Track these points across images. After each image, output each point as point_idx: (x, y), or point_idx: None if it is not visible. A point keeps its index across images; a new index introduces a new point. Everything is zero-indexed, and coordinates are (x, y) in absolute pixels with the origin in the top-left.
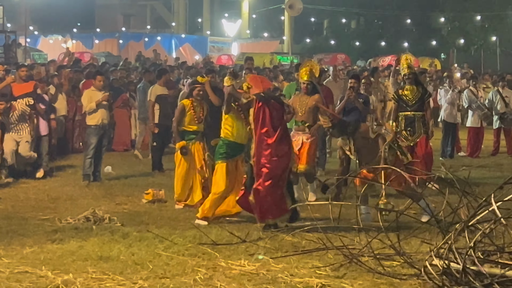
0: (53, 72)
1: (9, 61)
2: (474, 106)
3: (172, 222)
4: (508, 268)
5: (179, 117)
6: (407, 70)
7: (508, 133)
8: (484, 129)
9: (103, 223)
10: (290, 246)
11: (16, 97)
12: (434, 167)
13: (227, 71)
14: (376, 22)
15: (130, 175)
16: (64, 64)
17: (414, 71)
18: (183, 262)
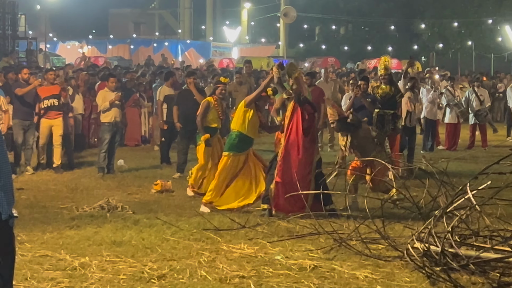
0: (71, 74)
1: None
2: (452, 104)
3: (179, 210)
4: (482, 250)
5: (204, 113)
6: (383, 71)
7: (482, 129)
8: (461, 125)
9: (116, 211)
10: (285, 231)
11: (43, 98)
12: (415, 159)
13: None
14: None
15: (141, 167)
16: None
17: (390, 73)
18: (188, 246)
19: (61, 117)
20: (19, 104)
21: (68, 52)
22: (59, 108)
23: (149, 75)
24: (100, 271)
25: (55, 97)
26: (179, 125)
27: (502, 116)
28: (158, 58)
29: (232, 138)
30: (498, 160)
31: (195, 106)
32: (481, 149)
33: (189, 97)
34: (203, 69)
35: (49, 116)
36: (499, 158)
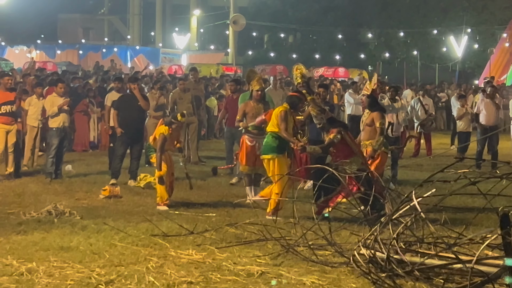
0: (19, 79)
1: None
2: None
3: (127, 216)
4: (427, 257)
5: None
6: (300, 79)
7: (427, 137)
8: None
9: (63, 216)
10: (233, 237)
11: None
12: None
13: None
14: (311, 37)
15: (89, 173)
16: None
17: (307, 80)
18: (136, 251)
19: (15, 124)
20: None
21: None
22: (15, 114)
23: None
24: (47, 276)
25: (11, 103)
26: (120, 130)
27: (445, 125)
28: (107, 63)
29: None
30: (442, 168)
31: (138, 112)
32: (426, 157)
33: (132, 103)
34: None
35: (6, 122)
36: (443, 166)
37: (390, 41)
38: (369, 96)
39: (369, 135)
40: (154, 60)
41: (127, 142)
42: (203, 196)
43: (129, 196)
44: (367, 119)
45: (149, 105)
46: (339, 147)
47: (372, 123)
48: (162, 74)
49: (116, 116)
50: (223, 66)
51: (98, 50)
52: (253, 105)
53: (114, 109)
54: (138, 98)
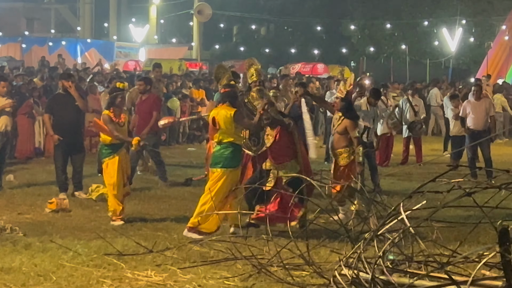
0: None
1: None
2: (383, 114)
3: (77, 232)
4: (416, 278)
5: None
6: (256, 77)
7: (417, 143)
8: (394, 138)
9: (4, 233)
10: (198, 256)
11: None
12: None
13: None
14: (286, 29)
15: (33, 184)
16: None
17: (263, 79)
18: (87, 273)
19: None
20: None
21: None
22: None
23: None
24: None
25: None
26: (57, 137)
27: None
28: (54, 58)
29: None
30: (434, 177)
31: (75, 114)
32: (416, 165)
33: (68, 103)
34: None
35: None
36: (435, 175)
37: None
38: (344, 100)
39: (341, 144)
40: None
41: (66, 150)
42: (163, 210)
43: (79, 210)
44: (340, 126)
45: (87, 105)
46: (282, 143)
47: (345, 132)
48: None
49: (49, 121)
50: (187, 62)
51: (44, 43)
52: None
53: (46, 112)
54: (75, 97)
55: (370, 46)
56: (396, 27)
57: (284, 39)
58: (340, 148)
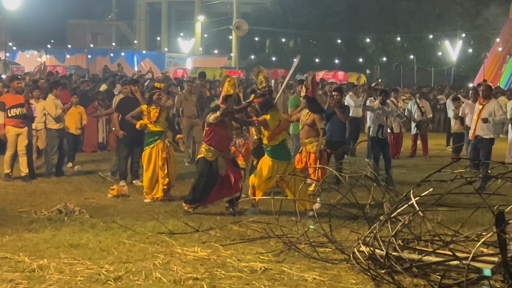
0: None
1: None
2: (394, 114)
3: (135, 214)
4: (424, 254)
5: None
6: (265, 83)
7: (423, 138)
8: (403, 135)
9: (73, 215)
10: (237, 235)
11: (10, 107)
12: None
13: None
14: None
15: (97, 172)
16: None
17: (270, 85)
18: (144, 249)
19: (26, 126)
20: None
21: (27, 60)
22: (25, 117)
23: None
24: (58, 273)
25: (21, 105)
26: (122, 133)
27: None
28: (114, 67)
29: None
30: (439, 168)
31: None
32: (422, 158)
33: (133, 105)
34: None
35: (17, 125)
36: (439, 166)
37: (387, 45)
38: (305, 97)
39: (308, 134)
40: (160, 64)
41: (129, 144)
42: None
43: (136, 195)
44: (308, 119)
45: None
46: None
47: (313, 124)
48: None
49: (117, 118)
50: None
51: (106, 54)
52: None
53: (116, 111)
54: (139, 99)
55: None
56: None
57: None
58: (306, 139)
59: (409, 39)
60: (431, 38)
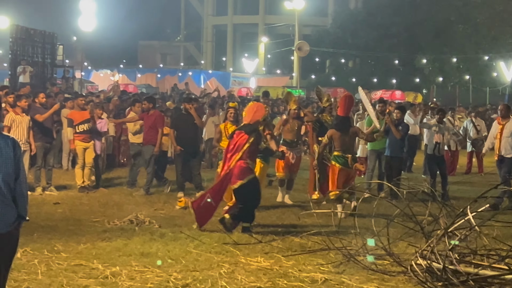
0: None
1: (67, 91)
2: (451, 133)
3: None
4: (480, 268)
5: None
6: (327, 103)
7: (478, 156)
8: (459, 152)
9: (144, 225)
10: (298, 246)
11: (78, 123)
12: (418, 182)
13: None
14: (369, 62)
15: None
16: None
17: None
18: (210, 258)
19: (93, 140)
20: (38, 127)
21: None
22: (91, 132)
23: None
24: (129, 279)
25: (87, 121)
26: (179, 148)
27: None
28: (182, 86)
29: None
30: (496, 185)
31: (194, 129)
32: (478, 175)
33: (189, 121)
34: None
35: (84, 139)
36: (493, 183)
37: (443, 66)
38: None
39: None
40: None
41: (185, 158)
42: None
43: None
44: None
45: (204, 123)
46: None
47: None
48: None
49: (173, 134)
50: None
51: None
52: (290, 121)
53: (171, 128)
54: (195, 117)
55: (439, 76)
56: (461, 61)
57: (368, 70)
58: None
59: (465, 60)
60: (487, 59)
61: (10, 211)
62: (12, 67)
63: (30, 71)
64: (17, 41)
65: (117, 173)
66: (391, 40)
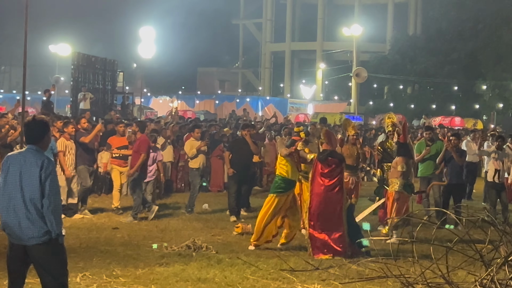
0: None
1: (127, 117)
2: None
3: (258, 251)
4: None
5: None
6: (390, 127)
7: None
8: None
9: (201, 250)
10: (355, 274)
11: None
12: (477, 210)
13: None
14: (428, 88)
15: (224, 211)
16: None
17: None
18: (266, 284)
19: (127, 166)
20: (83, 151)
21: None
22: (127, 157)
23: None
24: None
25: (125, 147)
26: (232, 171)
27: None
28: (240, 112)
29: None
30: None
31: (248, 154)
32: None
33: (243, 146)
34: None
35: (119, 164)
36: None
37: (504, 92)
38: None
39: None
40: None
41: (238, 181)
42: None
43: None
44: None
45: (259, 149)
46: None
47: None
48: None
49: (228, 157)
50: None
51: (232, 100)
52: (348, 147)
53: (228, 150)
54: (249, 143)
55: (499, 102)
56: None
57: (427, 96)
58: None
59: None
60: None
61: (35, 226)
62: (74, 93)
63: (90, 98)
64: (78, 68)
65: (175, 198)
66: (451, 66)
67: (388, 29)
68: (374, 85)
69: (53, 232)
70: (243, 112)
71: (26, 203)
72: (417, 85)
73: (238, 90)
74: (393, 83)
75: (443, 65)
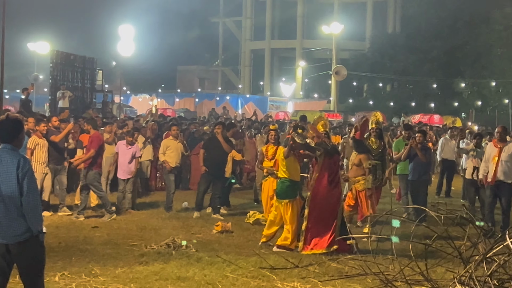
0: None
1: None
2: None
3: (238, 249)
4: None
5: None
6: (374, 125)
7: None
8: None
9: (181, 249)
10: (335, 271)
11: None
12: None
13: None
14: (407, 86)
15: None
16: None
17: (380, 127)
18: (246, 283)
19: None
20: (52, 150)
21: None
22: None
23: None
24: None
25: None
26: (205, 168)
27: None
28: (220, 110)
29: (285, 186)
30: None
31: (221, 153)
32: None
33: (217, 145)
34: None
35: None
36: None
37: (482, 90)
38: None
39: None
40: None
41: (209, 180)
42: None
43: (240, 231)
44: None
45: (231, 148)
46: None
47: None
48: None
49: (202, 155)
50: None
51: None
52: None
53: (202, 148)
54: (220, 141)
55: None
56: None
57: (406, 94)
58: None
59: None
60: None
61: (16, 224)
62: (52, 92)
63: (69, 96)
64: (57, 66)
65: (155, 197)
66: (430, 64)
67: (367, 27)
68: (354, 83)
69: (33, 230)
70: (223, 110)
71: (6, 202)
72: (396, 83)
73: (218, 88)
74: (373, 81)
75: (422, 63)
